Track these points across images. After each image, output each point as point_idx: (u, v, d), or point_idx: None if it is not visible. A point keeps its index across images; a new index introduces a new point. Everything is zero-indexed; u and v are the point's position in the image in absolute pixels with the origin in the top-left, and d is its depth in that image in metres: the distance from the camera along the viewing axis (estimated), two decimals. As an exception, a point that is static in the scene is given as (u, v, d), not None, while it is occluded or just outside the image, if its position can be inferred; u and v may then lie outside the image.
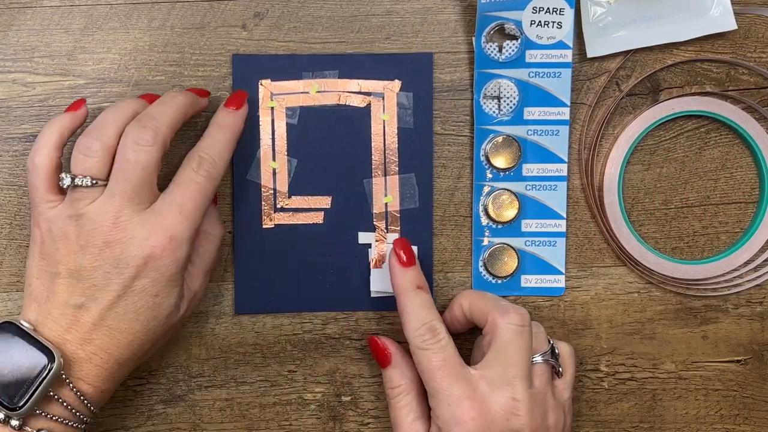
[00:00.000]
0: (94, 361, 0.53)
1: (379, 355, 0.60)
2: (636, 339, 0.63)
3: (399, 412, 0.58)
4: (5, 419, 0.51)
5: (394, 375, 0.59)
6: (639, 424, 0.64)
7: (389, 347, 0.60)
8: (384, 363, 0.59)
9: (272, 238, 0.62)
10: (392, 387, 0.59)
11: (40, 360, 0.52)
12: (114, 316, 0.53)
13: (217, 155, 0.56)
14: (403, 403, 0.58)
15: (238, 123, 0.59)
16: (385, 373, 0.59)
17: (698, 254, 0.64)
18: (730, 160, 0.63)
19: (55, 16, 0.61)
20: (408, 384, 0.58)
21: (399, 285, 0.58)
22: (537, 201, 0.62)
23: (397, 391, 0.58)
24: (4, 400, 0.51)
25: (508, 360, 0.55)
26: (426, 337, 0.56)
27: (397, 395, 0.58)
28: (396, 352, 0.59)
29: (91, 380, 0.54)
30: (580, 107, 0.63)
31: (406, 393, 0.58)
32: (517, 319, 0.56)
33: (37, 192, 0.55)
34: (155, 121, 0.55)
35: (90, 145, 0.54)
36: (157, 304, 0.54)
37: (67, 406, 0.53)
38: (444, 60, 0.62)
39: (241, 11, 0.61)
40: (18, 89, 0.61)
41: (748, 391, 0.64)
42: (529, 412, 0.54)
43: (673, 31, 0.62)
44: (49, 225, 0.54)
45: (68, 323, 0.53)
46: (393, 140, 0.62)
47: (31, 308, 0.54)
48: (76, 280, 0.53)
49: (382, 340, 0.60)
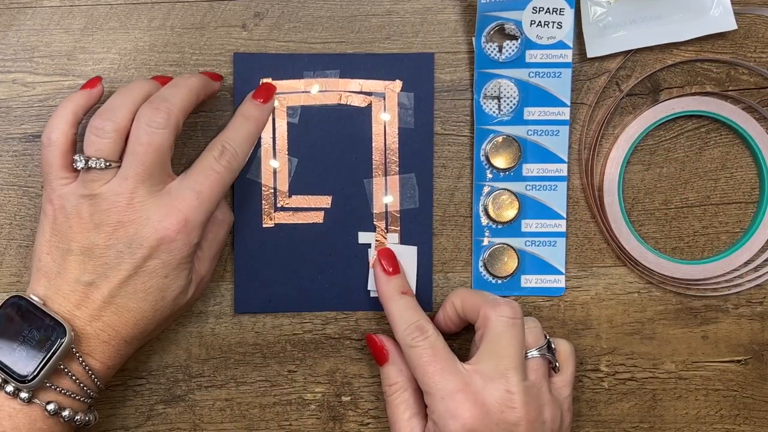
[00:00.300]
0: (102, 338, 0.54)
1: (377, 352, 0.60)
2: (636, 339, 0.63)
3: (396, 409, 0.58)
4: (15, 391, 0.52)
5: (391, 372, 0.59)
6: (639, 424, 0.64)
7: (386, 344, 0.60)
8: (381, 360, 0.60)
9: (272, 238, 0.62)
10: (389, 384, 0.59)
11: (51, 333, 0.52)
12: (124, 294, 0.54)
13: (239, 146, 0.57)
14: (400, 400, 0.58)
15: (264, 116, 0.59)
16: (382, 370, 0.60)
17: (698, 254, 0.64)
18: (730, 160, 0.64)
19: (55, 16, 0.61)
20: (405, 381, 0.58)
21: (384, 292, 0.59)
22: (537, 201, 0.62)
23: (394, 388, 0.59)
24: (14, 372, 0.52)
25: (501, 352, 0.55)
26: (415, 335, 0.56)
27: (394, 392, 0.58)
28: (393, 350, 0.60)
29: (99, 356, 0.54)
30: (580, 107, 0.63)
31: (403, 390, 0.58)
32: (508, 311, 0.56)
33: (51, 168, 0.55)
34: (167, 103, 0.55)
35: (103, 126, 0.54)
36: (166, 286, 0.55)
37: (76, 380, 0.53)
38: (444, 60, 0.62)
39: (241, 11, 0.61)
40: (18, 89, 0.61)
41: (748, 391, 0.64)
42: (524, 404, 0.54)
43: (673, 31, 0.62)
44: (62, 202, 0.55)
45: (78, 300, 0.54)
46: (394, 140, 0.62)
47: (40, 283, 0.55)
48: (88, 257, 0.54)
49: (379, 338, 0.60)
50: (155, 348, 0.62)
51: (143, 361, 0.62)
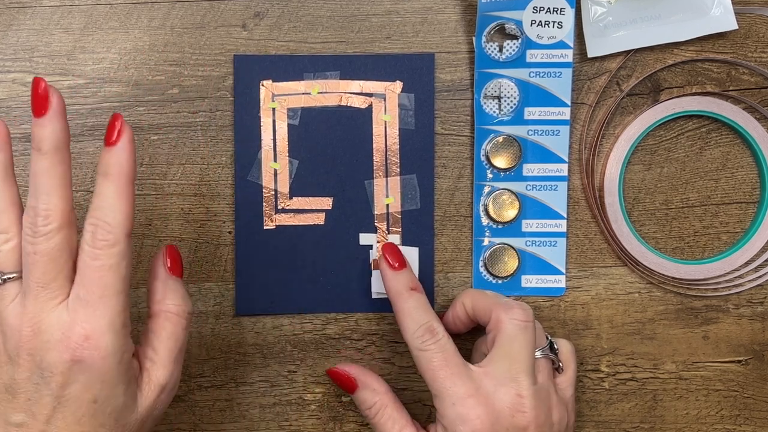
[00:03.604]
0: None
1: (344, 382, 0.60)
2: (636, 339, 0.63)
3: (383, 427, 0.58)
4: None
5: (365, 396, 0.59)
6: (639, 425, 0.64)
7: (351, 372, 0.60)
8: (351, 389, 0.59)
9: (273, 239, 0.62)
10: (368, 407, 0.59)
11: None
12: (57, 429, 0.48)
13: (110, 215, 0.48)
14: (384, 418, 0.58)
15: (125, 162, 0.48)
16: (355, 397, 0.59)
17: (699, 254, 0.64)
18: (730, 160, 0.64)
19: (55, 16, 0.61)
20: (382, 399, 0.58)
21: (392, 289, 0.58)
22: (537, 201, 0.62)
23: (374, 410, 0.58)
24: None
25: (513, 356, 0.55)
26: (425, 338, 0.56)
27: (375, 413, 0.58)
28: (358, 374, 0.59)
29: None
30: (581, 107, 0.63)
31: (384, 407, 0.58)
32: (521, 314, 0.56)
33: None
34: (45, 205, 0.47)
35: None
36: (98, 411, 0.48)
37: None
38: (444, 60, 0.62)
39: (241, 11, 0.61)
40: (18, 89, 0.61)
41: (749, 392, 0.64)
42: (534, 408, 0.54)
43: (674, 31, 0.62)
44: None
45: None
46: (394, 141, 0.62)
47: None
48: (12, 395, 0.48)
49: (341, 368, 0.60)
50: (155, 348, 0.62)
51: (143, 361, 0.62)
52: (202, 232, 0.62)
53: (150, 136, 0.61)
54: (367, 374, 0.59)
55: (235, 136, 0.61)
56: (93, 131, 0.61)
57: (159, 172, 0.61)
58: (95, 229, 0.47)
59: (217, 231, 0.62)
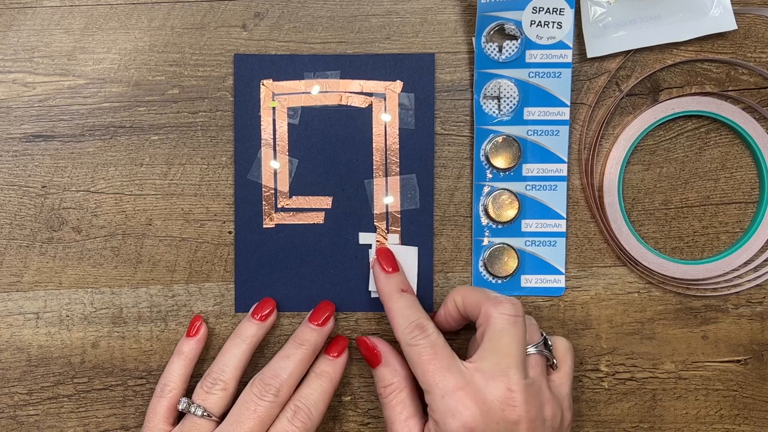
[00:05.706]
0: None
1: (369, 354, 0.60)
2: (636, 339, 0.63)
3: (392, 410, 0.58)
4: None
5: (385, 373, 0.59)
6: (639, 424, 0.64)
7: (378, 346, 0.60)
8: (375, 362, 0.59)
9: (273, 238, 0.62)
10: (385, 386, 0.59)
11: None
12: None
13: (313, 405, 0.58)
14: (396, 401, 0.58)
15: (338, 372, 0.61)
16: (376, 372, 0.59)
17: (698, 254, 0.64)
18: (730, 160, 0.64)
19: (55, 16, 0.61)
20: (400, 381, 0.58)
21: (384, 290, 0.59)
22: (537, 201, 0.62)
23: (389, 390, 0.58)
24: None
25: (502, 350, 0.55)
26: (414, 333, 0.56)
27: (389, 393, 0.58)
28: (386, 350, 0.60)
29: None
30: (580, 107, 0.63)
31: (399, 390, 0.58)
32: (510, 309, 0.55)
33: (155, 416, 0.59)
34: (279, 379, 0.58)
35: (212, 386, 0.58)
36: None
37: None
38: (444, 60, 0.62)
39: (241, 11, 0.61)
40: (18, 89, 0.61)
41: (748, 391, 0.64)
42: (525, 402, 0.54)
43: (673, 31, 0.62)
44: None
45: None
46: (394, 141, 0.62)
47: None
48: None
49: (371, 340, 0.60)
50: (155, 348, 0.62)
51: (143, 361, 0.62)
52: (202, 232, 0.62)
53: (150, 136, 0.61)
54: (394, 354, 0.59)
55: (235, 136, 0.61)
56: (93, 131, 0.61)
57: (159, 172, 0.62)
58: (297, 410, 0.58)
59: (217, 231, 0.62)
